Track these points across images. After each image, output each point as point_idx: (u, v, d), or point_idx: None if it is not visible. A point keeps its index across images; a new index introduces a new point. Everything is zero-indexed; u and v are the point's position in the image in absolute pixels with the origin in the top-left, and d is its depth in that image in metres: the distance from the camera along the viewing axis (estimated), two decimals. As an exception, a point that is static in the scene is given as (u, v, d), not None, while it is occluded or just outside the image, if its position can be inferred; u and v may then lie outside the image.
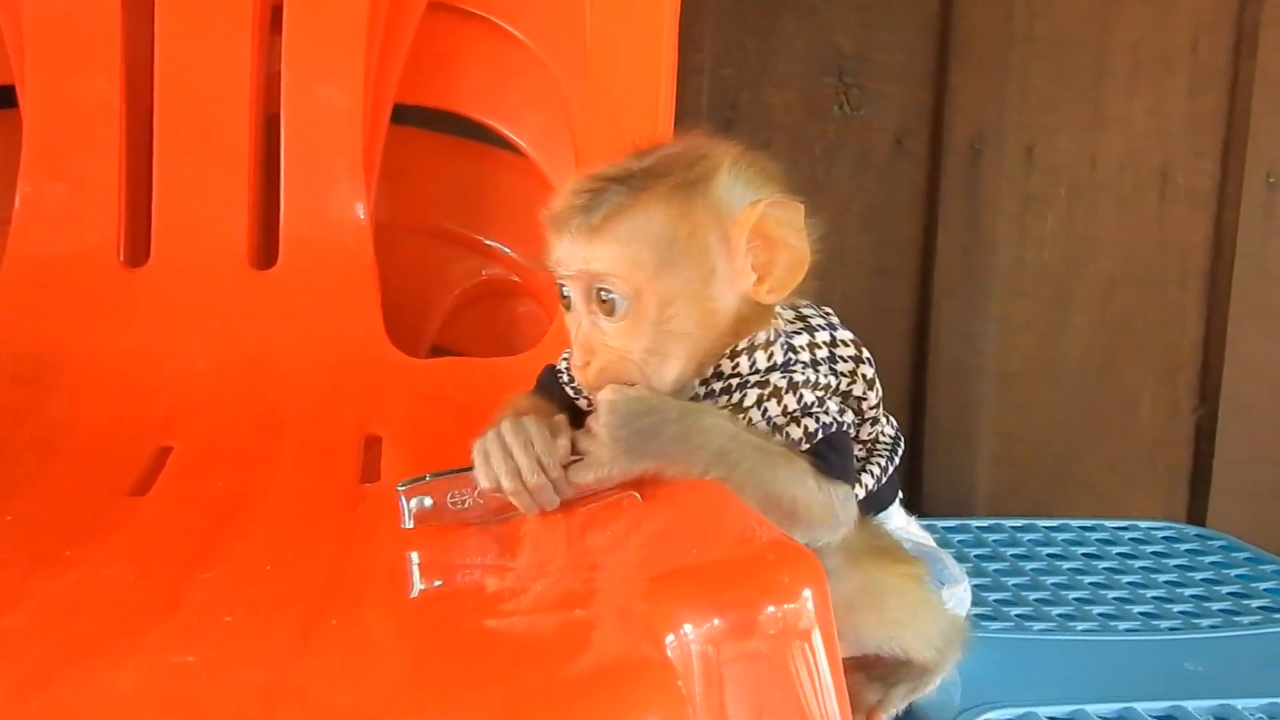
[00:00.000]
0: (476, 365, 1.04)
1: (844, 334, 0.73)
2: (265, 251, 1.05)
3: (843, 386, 0.71)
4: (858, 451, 0.74)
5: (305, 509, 0.75)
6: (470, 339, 1.21)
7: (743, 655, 0.47)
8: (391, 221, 1.13)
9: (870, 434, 0.75)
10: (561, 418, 0.68)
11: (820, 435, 0.68)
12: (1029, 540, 1.16)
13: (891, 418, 0.79)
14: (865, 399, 0.72)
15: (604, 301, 0.66)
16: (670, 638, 0.45)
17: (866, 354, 0.73)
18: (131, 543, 0.68)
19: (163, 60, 1.04)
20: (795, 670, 0.48)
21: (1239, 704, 0.80)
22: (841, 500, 0.66)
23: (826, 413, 0.69)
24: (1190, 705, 0.79)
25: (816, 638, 0.49)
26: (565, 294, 0.69)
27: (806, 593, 0.49)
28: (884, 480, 0.75)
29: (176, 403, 0.96)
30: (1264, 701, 0.80)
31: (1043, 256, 1.48)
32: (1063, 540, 1.17)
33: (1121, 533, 1.19)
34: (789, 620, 0.48)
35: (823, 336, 0.72)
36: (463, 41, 1.14)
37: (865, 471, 0.73)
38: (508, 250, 1.17)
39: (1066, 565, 1.09)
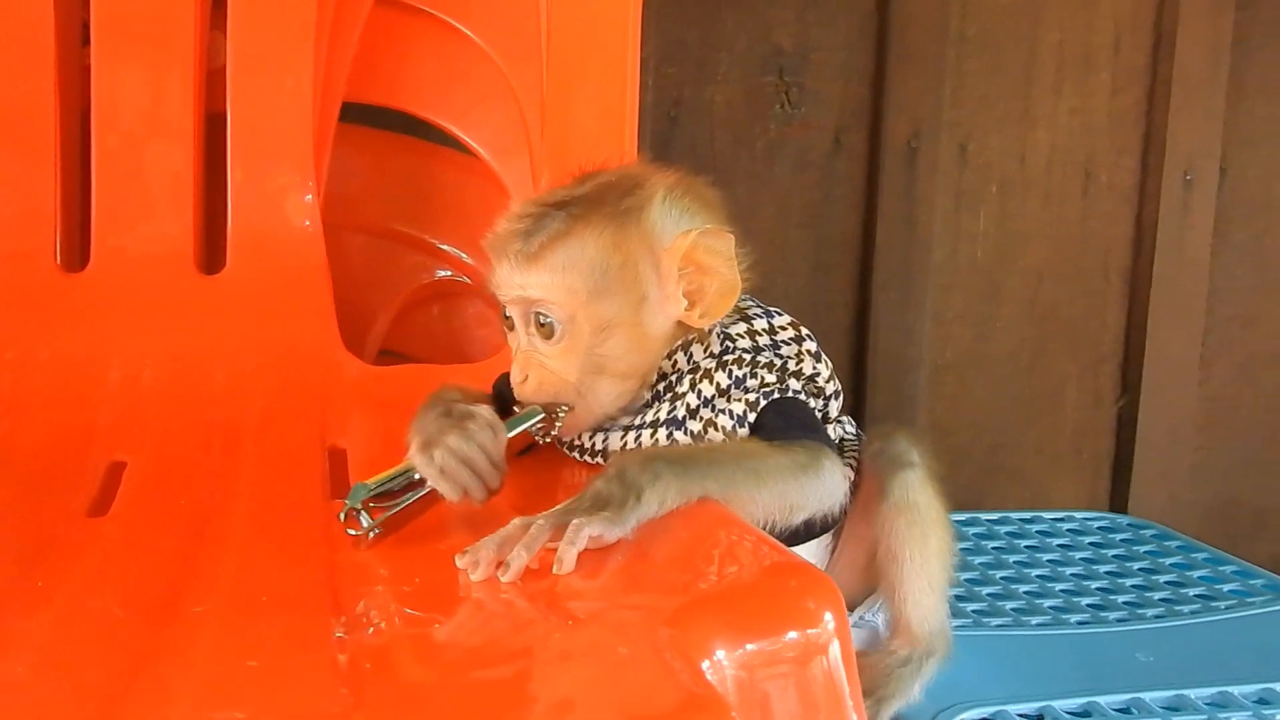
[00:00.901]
0: (435, 372, 1.01)
1: (781, 319, 0.75)
2: (211, 255, 1.02)
3: (791, 366, 0.73)
4: None
5: (279, 528, 0.73)
6: (420, 341, 1.19)
7: (773, 677, 0.48)
8: (337, 222, 1.11)
9: (836, 408, 0.76)
10: (487, 410, 0.69)
11: (764, 402, 0.70)
12: (974, 534, 1.19)
13: (849, 418, 0.81)
14: (817, 373, 0.74)
15: (542, 325, 0.70)
16: (705, 664, 0.45)
17: (806, 331, 0.75)
18: (104, 571, 0.65)
19: (99, 57, 1.00)
20: (819, 685, 0.49)
21: (1191, 694, 0.83)
22: (816, 458, 0.66)
23: (765, 384, 0.70)
24: (1147, 696, 0.83)
25: (836, 652, 0.50)
26: (507, 315, 0.73)
27: (828, 615, 0.50)
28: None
29: (123, 415, 0.93)
30: (1214, 690, 0.84)
31: (975, 252, 1.52)
32: (1005, 533, 1.20)
33: (1059, 524, 1.23)
34: (812, 641, 0.49)
35: (760, 324, 0.74)
36: (410, 38, 1.11)
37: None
38: (457, 251, 1.16)
39: (1012, 559, 1.13)
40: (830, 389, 0.75)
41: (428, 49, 1.11)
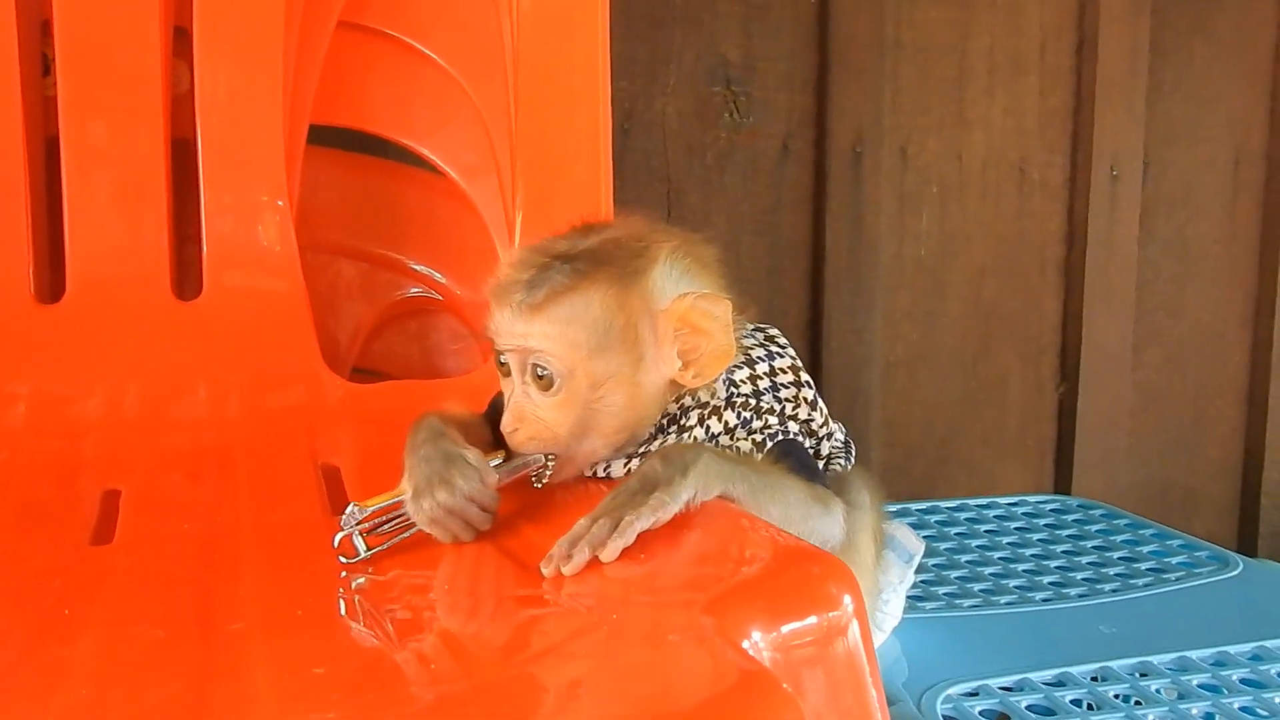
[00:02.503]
0: (418, 388, 1.04)
1: (781, 362, 0.78)
2: (183, 282, 1.03)
3: (789, 411, 0.76)
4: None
5: (289, 547, 0.74)
6: (393, 358, 1.20)
7: (802, 656, 0.51)
8: (306, 243, 1.12)
9: (828, 448, 0.80)
10: (476, 453, 0.70)
11: (770, 444, 0.72)
12: (935, 521, 1.24)
13: (840, 424, 0.85)
14: (812, 419, 0.77)
15: (540, 376, 0.71)
16: (745, 645, 0.49)
17: (805, 378, 0.78)
18: (126, 597, 0.66)
19: (65, 88, 1.00)
20: (841, 662, 0.53)
21: (1154, 659, 0.89)
22: (830, 499, 0.70)
23: (769, 425, 0.73)
24: (1115, 664, 0.88)
25: (855, 631, 0.54)
26: (502, 361, 0.73)
27: (847, 599, 0.54)
28: None
29: (110, 444, 0.93)
30: (1174, 656, 0.89)
31: (919, 251, 1.58)
32: (965, 519, 1.25)
33: (1014, 508, 1.29)
34: (834, 623, 0.53)
35: (762, 368, 0.77)
36: (374, 61, 1.13)
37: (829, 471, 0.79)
38: (428, 269, 1.18)
39: (975, 543, 1.18)
40: (823, 432, 0.78)
41: (392, 71, 1.13)
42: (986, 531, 1.22)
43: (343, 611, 0.60)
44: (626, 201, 1.12)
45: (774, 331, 0.80)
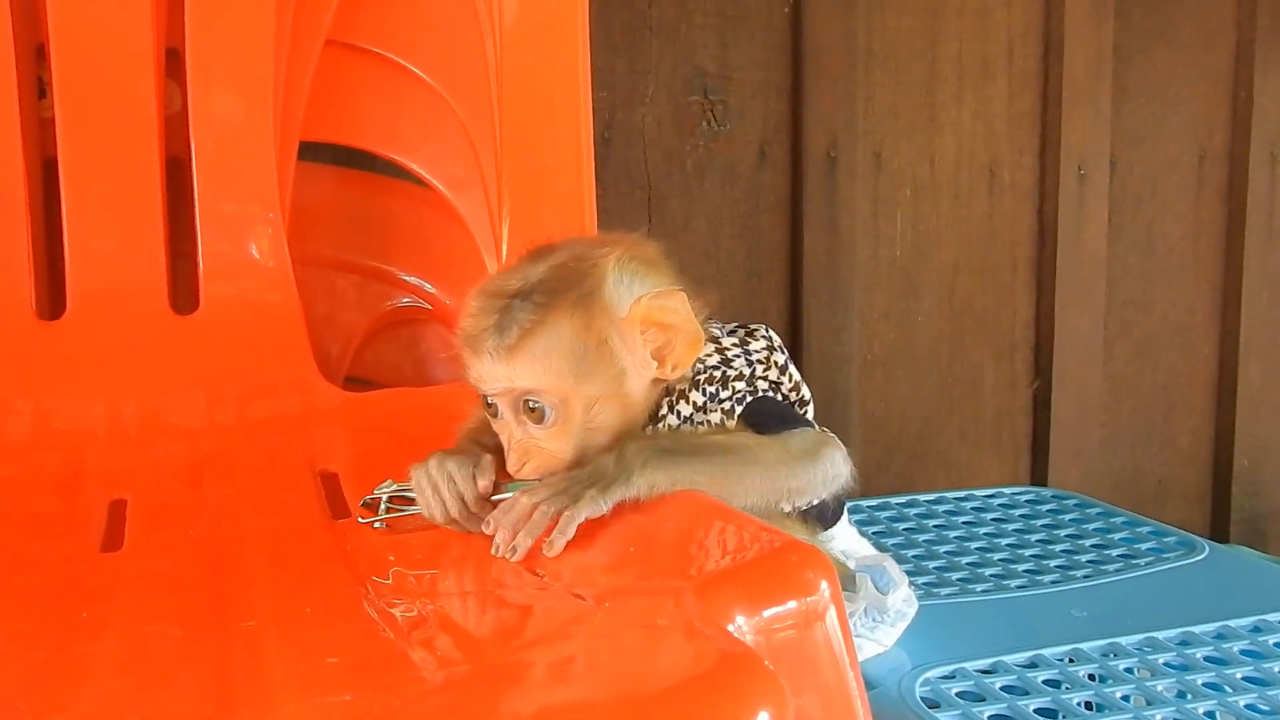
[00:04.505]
0: (411, 396, 1.07)
1: (756, 339, 0.81)
2: (178, 296, 1.06)
3: (758, 372, 0.79)
4: None
5: (293, 551, 0.78)
6: (382, 367, 1.23)
7: (783, 640, 0.55)
8: (297, 256, 1.15)
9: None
10: (489, 458, 0.75)
11: (740, 409, 0.76)
12: (915, 514, 1.28)
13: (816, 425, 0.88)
14: (781, 382, 0.80)
15: (533, 410, 0.74)
16: (730, 628, 0.53)
17: (779, 343, 0.82)
18: (139, 600, 0.69)
19: (62, 109, 1.03)
20: (820, 645, 0.57)
21: (1123, 640, 0.93)
22: (813, 446, 0.74)
23: (736, 392, 0.77)
24: (1085, 646, 0.92)
25: (832, 616, 0.57)
26: (490, 403, 0.76)
27: (824, 584, 0.57)
28: None
29: (113, 455, 0.96)
30: (1141, 636, 0.94)
31: (894, 252, 1.62)
32: (943, 511, 1.29)
33: (991, 500, 1.33)
34: (812, 608, 0.57)
35: (729, 340, 0.81)
36: (360, 77, 1.16)
37: None
38: (417, 280, 1.21)
39: (952, 534, 1.22)
40: (794, 397, 0.81)
41: (379, 87, 1.16)
42: (964, 523, 1.26)
43: (350, 607, 0.63)
44: (608, 209, 1.16)
45: (756, 326, 0.84)
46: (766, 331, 0.81)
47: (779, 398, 0.79)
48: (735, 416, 0.76)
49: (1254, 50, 1.72)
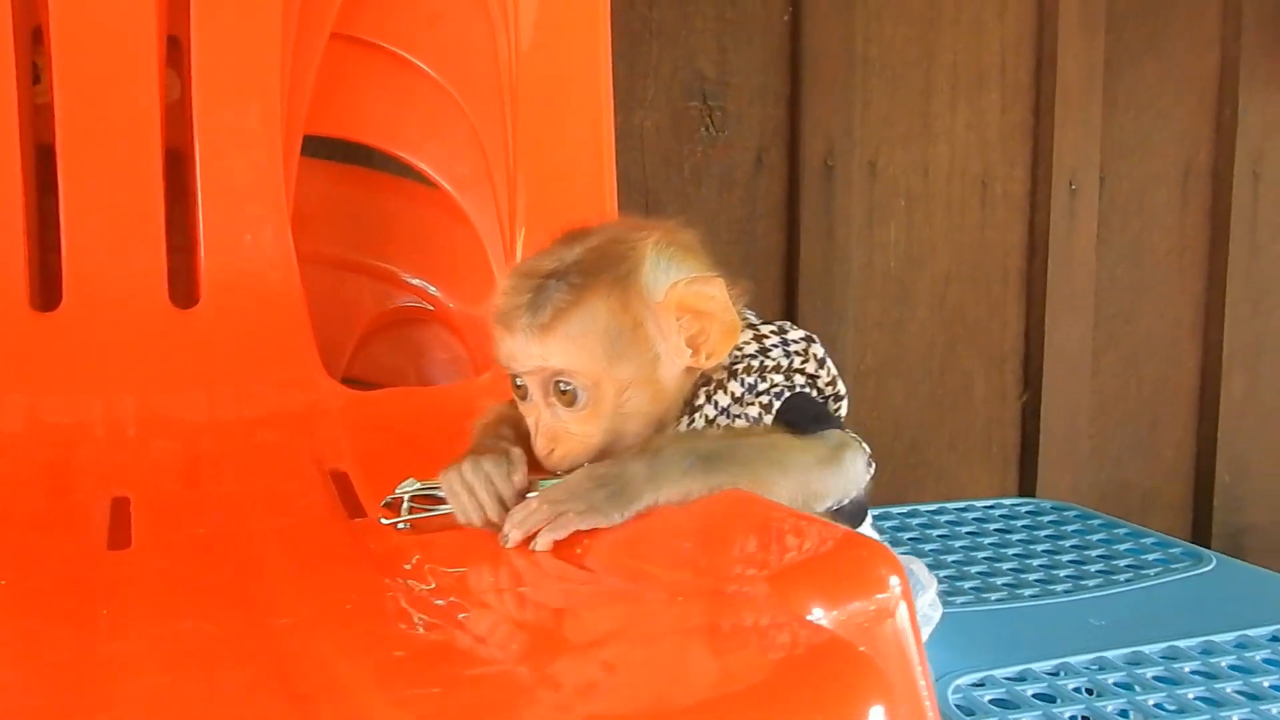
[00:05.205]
0: (419, 395, 1.05)
1: (796, 334, 0.79)
2: (183, 290, 1.02)
3: (796, 365, 0.77)
4: None
5: (314, 550, 0.75)
6: (381, 368, 1.20)
7: (857, 637, 0.53)
8: (297, 253, 1.12)
9: (833, 408, 0.82)
10: (519, 453, 0.73)
11: (778, 404, 0.74)
12: (918, 524, 1.27)
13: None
14: (818, 376, 0.79)
15: (564, 393, 0.72)
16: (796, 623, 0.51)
17: (816, 337, 0.80)
18: (160, 597, 0.66)
19: (61, 96, 0.99)
20: (890, 643, 0.55)
21: (1146, 649, 0.92)
22: (836, 450, 0.72)
23: (774, 385, 0.75)
24: (1110, 654, 0.91)
25: (903, 612, 0.56)
26: (519, 384, 0.74)
27: (894, 580, 0.56)
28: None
29: (112, 452, 0.92)
30: (1164, 645, 0.93)
31: (888, 261, 1.61)
32: (946, 522, 1.29)
33: (991, 511, 1.33)
34: (884, 604, 0.55)
35: (768, 328, 0.79)
36: (366, 72, 1.14)
37: None
38: (419, 280, 1.18)
39: (958, 544, 1.21)
40: (829, 391, 0.80)
41: (383, 82, 1.14)
42: (968, 533, 1.25)
43: (391, 604, 0.61)
44: (606, 212, 1.14)
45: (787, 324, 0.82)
46: (809, 337, 0.80)
47: (814, 393, 0.78)
48: (773, 411, 0.74)
49: (1239, 67, 1.74)
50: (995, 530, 1.26)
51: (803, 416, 0.74)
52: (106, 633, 0.59)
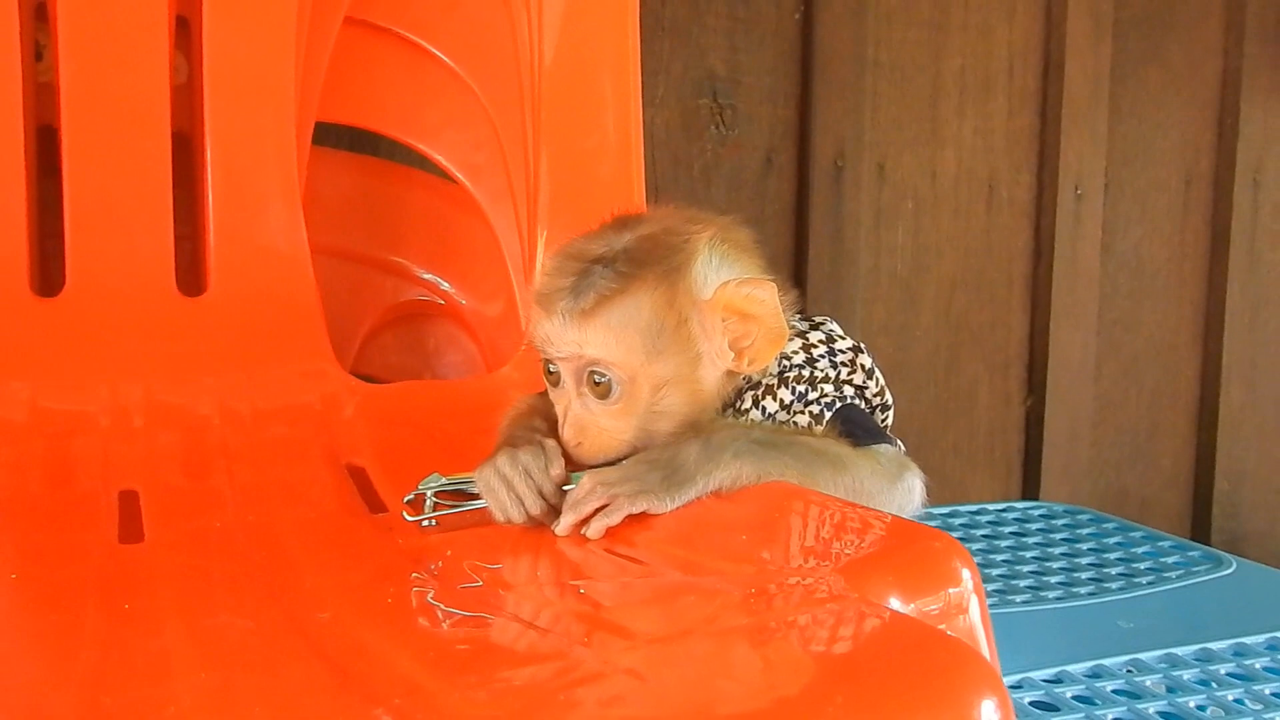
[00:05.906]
0: (434, 388, 1.02)
1: (845, 343, 0.77)
2: (191, 277, 0.99)
3: (843, 376, 0.75)
4: None
5: (340, 545, 0.72)
6: (389, 362, 1.17)
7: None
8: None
9: (880, 418, 0.79)
10: (553, 444, 0.70)
11: (829, 415, 0.71)
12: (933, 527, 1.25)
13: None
14: (866, 387, 0.76)
15: (598, 384, 0.69)
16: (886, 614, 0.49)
17: (864, 347, 0.78)
18: (184, 591, 0.63)
19: (67, 78, 0.95)
20: (964, 635, 0.53)
21: (1179, 651, 0.91)
22: (900, 469, 0.70)
23: (824, 395, 0.72)
24: (1144, 656, 0.89)
25: (975, 606, 0.54)
26: (552, 370, 0.71)
27: (966, 573, 0.54)
28: None
29: (118, 443, 0.89)
30: (1196, 647, 0.91)
31: (895, 265, 1.60)
32: (960, 525, 1.27)
33: (1004, 514, 1.31)
34: (957, 598, 0.53)
35: (817, 336, 0.76)
36: (380, 58, 1.11)
37: None
38: (430, 274, 1.15)
39: (975, 548, 1.19)
40: (876, 402, 0.77)
41: (396, 68, 1.11)
42: (983, 536, 1.24)
43: (437, 598, 0.58)
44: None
45: (823, 319, 0.80)
46: (856, 346, 0.77)
47: (862, 403, 0.75)
48: (824, 422, 0.71)
49: (1240, 77, 1.75)
50: (1010, 534, 1.25)
51: (856, 427, 0.71)
52: (135, 630, 0.55)
